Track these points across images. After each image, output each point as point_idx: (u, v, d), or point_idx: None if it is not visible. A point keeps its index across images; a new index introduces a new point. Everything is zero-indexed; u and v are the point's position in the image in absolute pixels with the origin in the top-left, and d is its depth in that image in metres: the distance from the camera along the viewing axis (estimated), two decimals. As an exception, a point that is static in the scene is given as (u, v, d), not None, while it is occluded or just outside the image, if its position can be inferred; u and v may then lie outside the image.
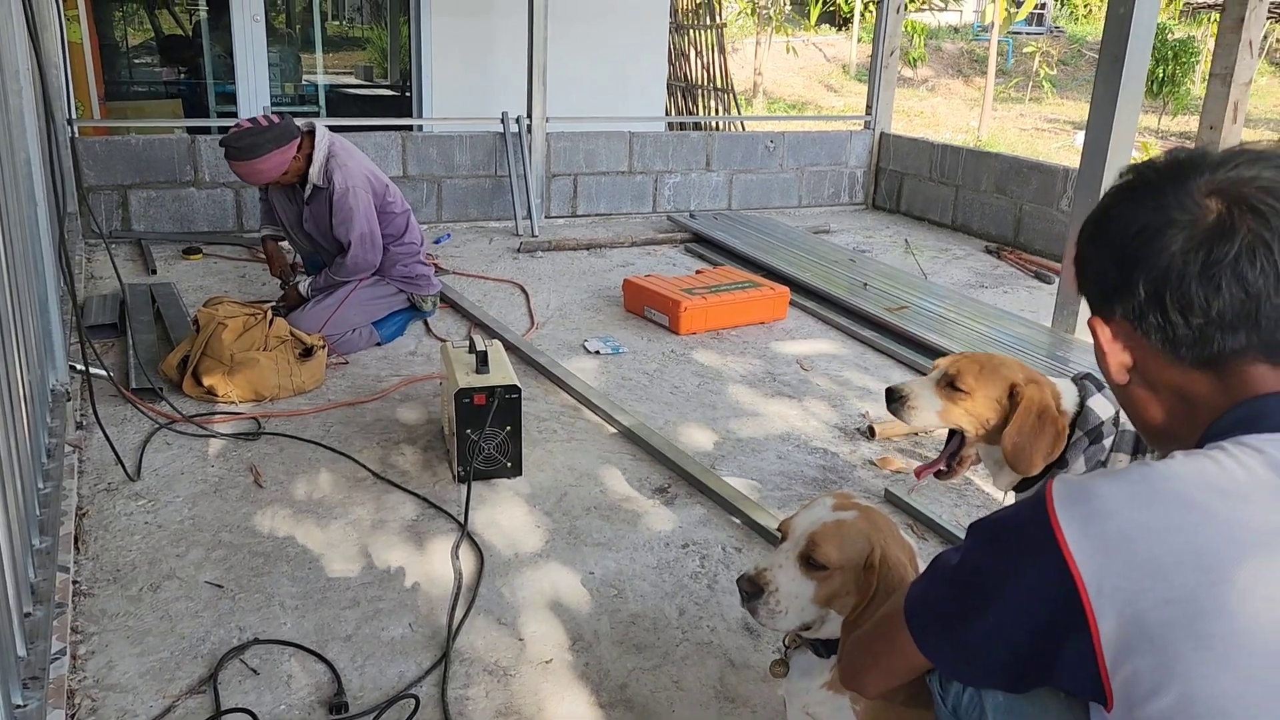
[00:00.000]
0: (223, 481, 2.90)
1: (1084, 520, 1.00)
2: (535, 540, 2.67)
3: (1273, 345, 1.05)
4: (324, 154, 3.90)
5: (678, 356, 4.11)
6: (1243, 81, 4.74)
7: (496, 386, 2.86)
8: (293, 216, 4.13)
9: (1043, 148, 13.61)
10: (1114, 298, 1.11)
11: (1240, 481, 0.97)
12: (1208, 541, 0.95)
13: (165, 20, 8.38)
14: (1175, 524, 0.96)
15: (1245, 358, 1.05)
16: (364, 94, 8.80)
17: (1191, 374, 1.08)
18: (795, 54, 18.82)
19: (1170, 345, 1.08)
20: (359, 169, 3.97)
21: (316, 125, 3.97)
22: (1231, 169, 1.07)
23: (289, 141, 3.81)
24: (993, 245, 6.38)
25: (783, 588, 1.59)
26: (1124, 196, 1.12)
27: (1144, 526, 0.97)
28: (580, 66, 7.25)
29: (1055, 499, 1.03)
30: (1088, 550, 0.98)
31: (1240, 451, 1.00)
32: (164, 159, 5.57)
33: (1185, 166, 1.09)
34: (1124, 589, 0.96)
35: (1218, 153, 1.09)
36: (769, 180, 7.26)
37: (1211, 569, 0.93)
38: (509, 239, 6.02)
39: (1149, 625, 0.94)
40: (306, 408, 3.44)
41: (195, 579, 2.41)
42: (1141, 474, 1.02)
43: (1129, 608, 0.95)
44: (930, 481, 3.07)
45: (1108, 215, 1.13)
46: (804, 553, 1.60)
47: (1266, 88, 19.12)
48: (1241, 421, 1.04)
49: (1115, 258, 1.10)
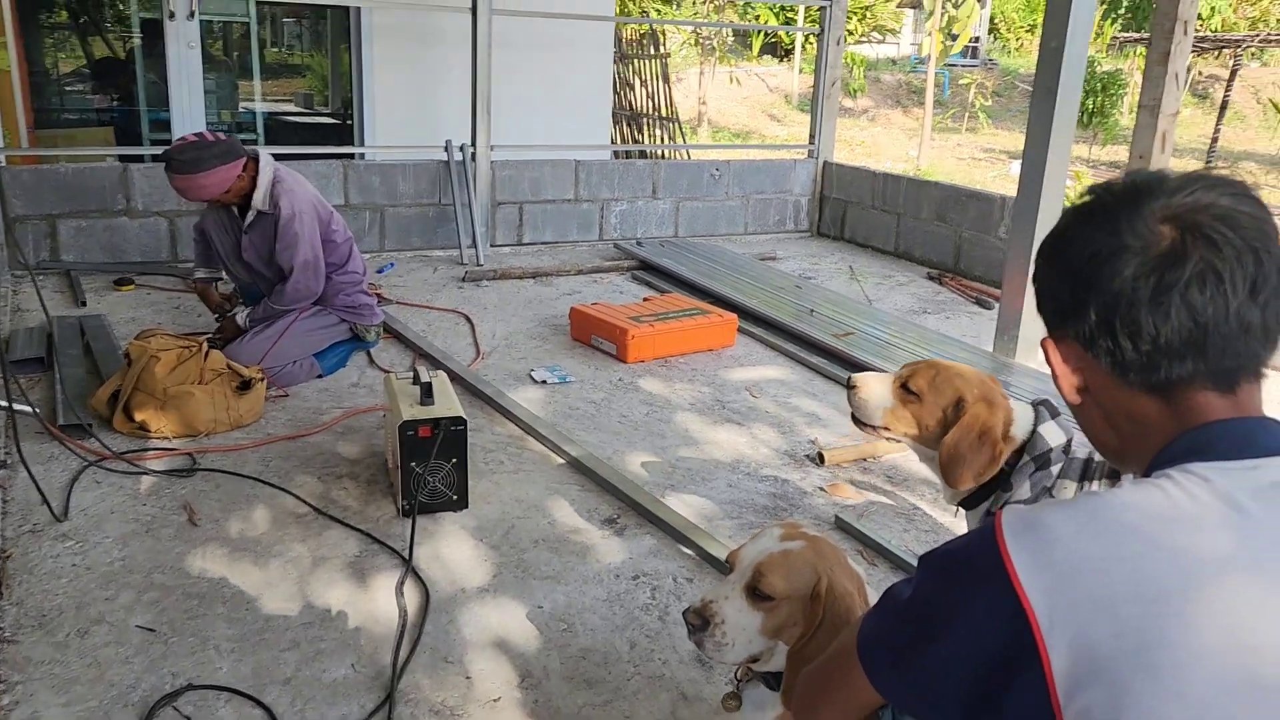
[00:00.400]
0: (155, 520, 2.80)
1: (1034, 551, 0.98)
2: (482, 574, 2.61)
3: (1220, 374, 1.05)
4: (269, 179, 3.83)
5: (625, 385, 4.08)
6: (1169, 112, 4.88)
7: (441, 418, 2.80)
8: (230, 246, 4.04)
9: (980, 176, 13.90)
10: (1066, 319, 1.11)
11: (1187, 511, 0.97)
12: (1156, 572, 0.94)
13: (98, 46, 8.21)
14: (1124, 555, 0.95)
15: (1193, 385, 1.05)
16: (304, 122, 8.69)
17: (1141, 398, 1.08)
18: (739, 84, 19.07)
19: (1119, 369, 1.08)
20: (305, 195, 3.90)
21: (261, 152, 3.90)
22: (1188, 195, 1.06)
23: (235, 159, 3.73)
24: (934, 272, 6.47)
25: (729, 619, 1.58)
26: (1080, 218, 1.12)
27: (1093, 558, 0.96)
28: (526, 95, 7.24)
29: (1005, 529, 1.02)
30: (1038, 582, 0.97)
31: (1187, 480, 1.00)
32: (95, 187, 5.43)
33: (1142, 191, 1.09)
34: (1075, 621, 0.94)
35: (1176, 177, 1.09)
36: (715, 208, 7.30)
37: (1160, 600, 0.92)
38: (454, 268, 5.96)
39: (1100, 658, 0.93)
40: (244, 442, 3.34)
41: (126, 623, 2.31)
42: (1090, 504, 1.01)
43: (1080, 640, 0.94)
44: (880, 507, 3.07)
45: (1064, 237, 1.13)
46: (750, 584, 1.58)
47: (1191, 118, 19.77)
48: (1189, 449, 1.04)
49: (1068, 280, 1.10)
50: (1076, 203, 1.15)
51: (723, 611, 1.58)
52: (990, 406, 2.04)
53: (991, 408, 2.04)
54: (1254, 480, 0.99)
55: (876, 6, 23.95)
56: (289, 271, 3.87)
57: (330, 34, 8.53)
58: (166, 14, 6.45)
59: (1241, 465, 1.00)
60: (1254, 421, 1.05)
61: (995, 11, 24.54)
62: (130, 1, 7.51)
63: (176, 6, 6.43)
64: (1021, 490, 1.99)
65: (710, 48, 17.97)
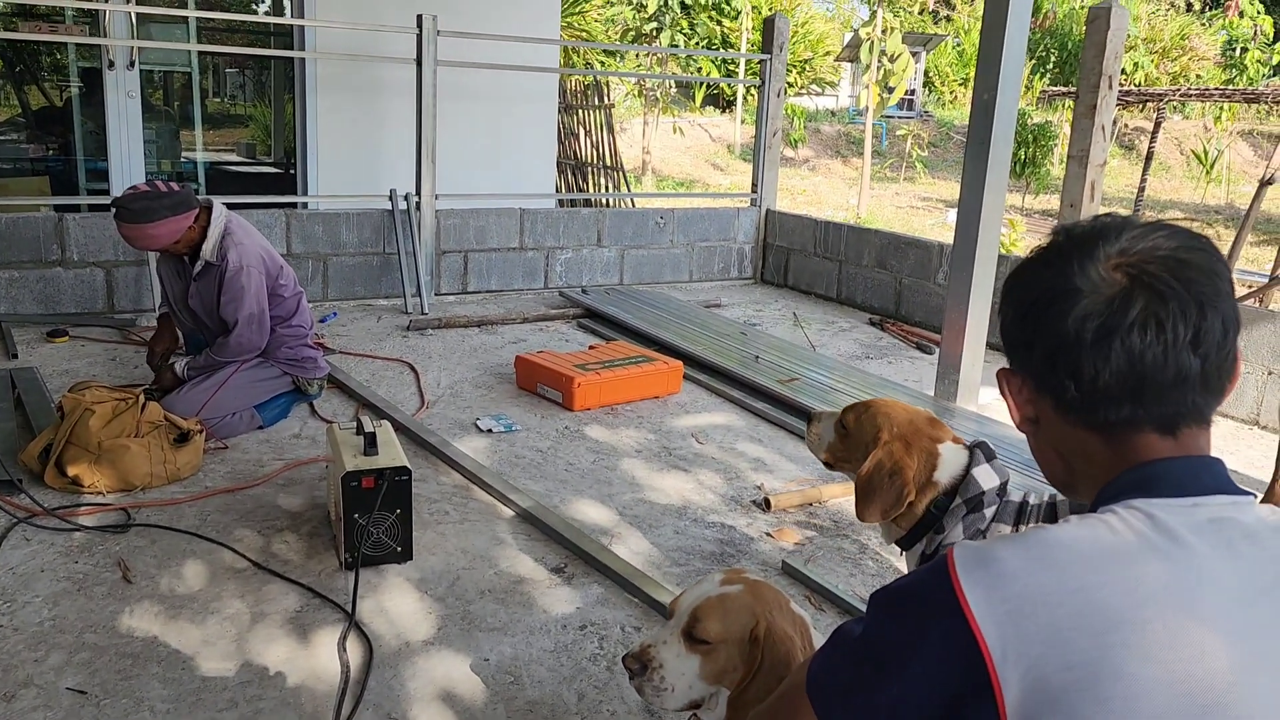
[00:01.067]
0: (88, 578, 2.71)
1: (987, 585, 1.00)
2: (427, 627, 2.56)
3: (1161, 419, 1.07)
4: (220, 230, 3.78)
5: (572, 433, 4.07)
6: (1097, 162, 5.06)
7: (385, 468, 2.77)
8: (178, 291, 3.98)
9: (918, 224, 14.20)
10: (1018, 354, 1.15)
11: (1132, 545, 1.00)
12: (1104, 605, 0.96)
13: (35, 96, 8.10)
14: (1073, 588, 0.97)
15: (1133, 427, 1.08)
16: (247, 171, 8.62)
17: (1085, 434, 1.11)
18: (682, 134, 19.33)
19: (1062, 407, 1.11)
20: (255, 248, 3.85)
21: (215, 202, 3.86)
22: (1144, 241, 1.09)
23: (186, 211, 3.68)
24: (876, 317, 6.57)
25: (667, 664, 1.58)
26: (1038, 259, 1.16)
27: (1044, 590, 0.98)
28: (470, 144, 7.26)
29: (958, 563, 1.03)
30: (991, 615, 0.98)
31: (1131, 515, 1.02)
32: (28, 237, 5.33)
33: (1099, 236, 1.11)
34: (1027, 654, 0.96)
35: (1139, 224, 1.12)
36: (660, 256, 7.36)
37: (1108, 632, 0.95)
38: (398, 317, 5.92)
39: (1051, 690, 0.94)
40: (181, 496, 3.27)
41: (55, 685, 2.23)
42: (1039, 538, 1.03)
43: (1031, 673, 0.95)
44: (826, 552, 3.09)
45: (1022, 275, 1.17)
46: (686, 628, 1.59)
47: (1119, 169, 20.46)
48: (1133, 486, 1.06)
49: (1021, 318, 1.14)
50: (1040, 242, 1.18)
51: (660, 656, 1.59)
52: (906, 447, 2.08)
53: (908, 448, 2.07)
54: (1194, 516, 1.02)
55: (815, 60, 24.54)
56: (232, 325, 3.81)
57: (273, 84, 8.50)
58: (106, 63, 6.38)
59: (1183, 503, 1.03)
60: (1196, 460, 1.08)
61: (929, 65, 25.25)
62: (68, 50, 7.42)
63: (116, 56, 6.37)
64: (954, 533, 2.01)
65: (654, 98, 18.23)
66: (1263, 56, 22.46)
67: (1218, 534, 1.01)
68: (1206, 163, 19.10)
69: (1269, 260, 10.75)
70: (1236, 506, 1.05)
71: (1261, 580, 1.00)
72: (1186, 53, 23.63)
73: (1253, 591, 0.99)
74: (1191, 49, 23.65)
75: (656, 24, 19.12)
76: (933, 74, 25.78)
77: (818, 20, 25.51)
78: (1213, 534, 1.01)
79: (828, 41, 24.70)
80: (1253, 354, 4.62)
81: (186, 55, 7.64)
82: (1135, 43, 22.13)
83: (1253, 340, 4.62)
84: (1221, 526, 1.02)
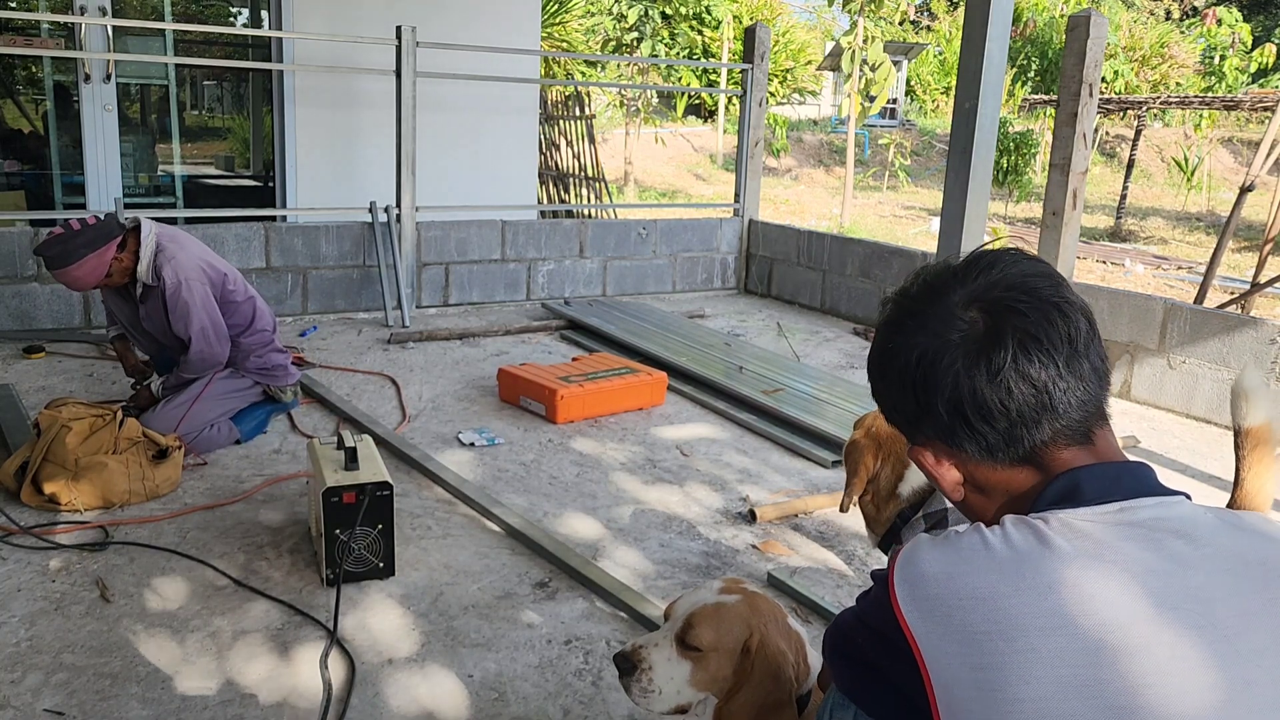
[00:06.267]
0: (65, 597, 2.67)
1: (910, 584, 1.05)
2: (410, 644, 2.53)
3: (1073, 428, 1.11)
4: (151, 250, 3.67)
5: (555, 446, 4.05)
6: (1079, 170, 5.09)
7: (367, 483, 2.74)
8: (130, 316, 3.89)
9: (901, 233, 14.27)
10: (921, 424, 1.17)
11: (1051, 551, 1.02)
12: (1016, 609, 0.98)
13: (9, 110, 8.04)
14: (987, 592, 1.00)
15: (1054, 445, 1.11)
16: (225, 184, 8.58)
17: (1012, 471, 1.14)
18: (664, 144, 19.39)
19: (986, 451, 1.13)
20: (191, 260, 3.73)
21: (142, 220, 3.75)
22: (976, 277, 1.14)
23: (106, 243, 3.56)
24: (860, 327, 6.58)
25: (656, 667, 1.59)
26: (894, 329, 1.18)
27: (959, 593, 1.01)
28: (451, 156, 7.25)
29: (897, 561, 1.09)
30: (915, 614, 1.03)
31: (1055, 522, 1.05)
32: (4, 252, 5.27)
33: (937, 287, 1.16)
34: (947, 653, 1.00)
35: (960, 264, 1.16)
36: (643, 266, 7.36)
37: (1018, 637, 0.97)
38: (379, 330, 5.89)
39: (967, 690, 0.98)
40: (160, 513, 3.22)
41: (33, 707, 2.19)
42: (959, 543, 1.06)
43: (949, 672, 1.00)
44: (812, 563, 3.08)
45: (887, 350, 1.19)
46: (680, 633, 1.60)
47: (1101, 176, 20.64)
48: (1058, 496, 1.09)
49: (907, 388, 1.15)
50: (884, 316, 1.21)
51: (651, 658, 1.60)
52: (877, 448, 2.41)
53: (878, 449, 2.41)
54: (1118, 520, 1.05)
55: (797, 69, 24.67)
56: (188, 341, 3.75)
57: (252, 96, 8.48)
58: (82, 76, 6.33)
59: (1107, 509, 1.06)
60: (1116, 466, 1.11)
61: (911, 74, 25.44)
62: (44, 64, 7.37)
63: (92, 69, 6.33)
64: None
65: (635, 109, 18.27)
66: (1241, 64, 22.72)
67: (1145, 536, 1.03)
68: (1187, 170, 19.31)
69: (1250, 266, 10.85)
70: (1164, 506, 1.07)
71: (1190, 581, 1.01)
72: (1166, 60, 23.90)
73: (1178, 594, 1.00)
74: (1171, 57, 23.91)
75: (637, 34, 19.15)
76: (914, 83, 25.97)
77: (799, 30, 25.65)
78: (1140, 538, 1.03)
79: (809, 51, 24.85)
80: (1235, 361, 4.65)
81: (164, 68, 7.60)
82: (1115, 51, 22.36)
83: (1235, 346, 4.64)
84: (1149, 528, 1.04)
